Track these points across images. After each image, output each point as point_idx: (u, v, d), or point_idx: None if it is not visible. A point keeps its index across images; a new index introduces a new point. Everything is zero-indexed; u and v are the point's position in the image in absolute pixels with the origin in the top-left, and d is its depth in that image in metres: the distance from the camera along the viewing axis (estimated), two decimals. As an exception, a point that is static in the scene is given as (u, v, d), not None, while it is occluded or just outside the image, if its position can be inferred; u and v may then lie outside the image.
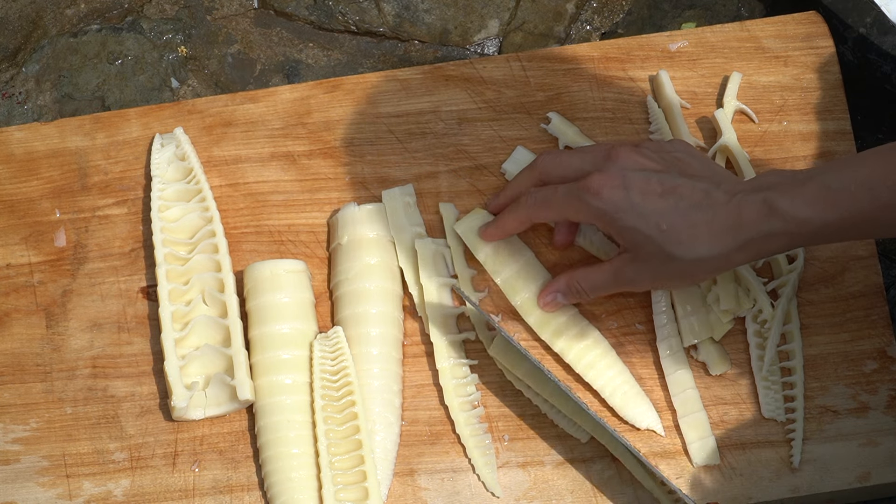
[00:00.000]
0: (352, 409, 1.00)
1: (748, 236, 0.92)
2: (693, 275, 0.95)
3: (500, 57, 1.13)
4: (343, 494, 0.99)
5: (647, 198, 0.93)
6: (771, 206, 0.90)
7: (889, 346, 1.04)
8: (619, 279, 0.98)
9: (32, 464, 1.04)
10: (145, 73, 1.20)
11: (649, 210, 0.93)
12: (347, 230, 1.06)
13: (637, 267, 0.96)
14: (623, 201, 0.94)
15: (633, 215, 0.93)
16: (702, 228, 0.92)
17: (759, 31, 1.12)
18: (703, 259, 0.93)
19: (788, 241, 0.91)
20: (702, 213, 0.92)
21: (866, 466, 1.01)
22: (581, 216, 0.96)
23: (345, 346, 1.02)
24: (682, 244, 0.93)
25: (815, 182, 0.90)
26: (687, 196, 0.92)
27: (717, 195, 0.92)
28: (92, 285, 1.08)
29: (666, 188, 0.93)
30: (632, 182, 0.94)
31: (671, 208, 0.93)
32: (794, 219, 0.90)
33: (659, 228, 0.93)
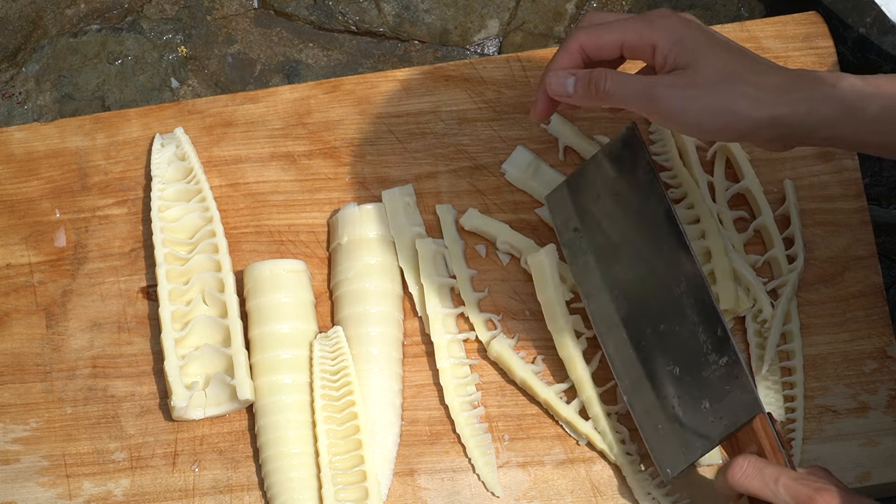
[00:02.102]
0: (352, 409, 1.00)
1: (797, 96, 0.89)
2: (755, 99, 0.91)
3: (500, 57, 1.13)
4: (343, 494, 0.99)
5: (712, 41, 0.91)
6: (823, 78, 0.89)
7: (889, 346, 1.04)
8: (652, 93, 0.91)
9: (32, 464, 1.04)
10: (145, 73, 1.20)
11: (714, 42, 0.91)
12: (347, 230, 1.06)
13: (691, 87, 0.90)
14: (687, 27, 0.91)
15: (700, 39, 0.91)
16: (761, 72, 0.90)
17: (759, 31, 1.12)
18: (766, 87, 0.90)
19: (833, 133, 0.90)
20: (759, 63, 0.90)
21: (866, 466, 1.01)
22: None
23: (345, 345, 1.02)
24: (747, 66, 0.90)
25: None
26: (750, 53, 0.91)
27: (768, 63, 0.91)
28: (92, 285, 1.08)
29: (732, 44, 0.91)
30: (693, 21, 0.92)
31: (738, 52, 0.91)
32: (850, 90, 0.89)
33: (721, 53, 0.90)
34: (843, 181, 1.08)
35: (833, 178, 1.08)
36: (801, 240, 1.05)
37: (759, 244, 1.07)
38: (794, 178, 1.08)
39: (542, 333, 1.05)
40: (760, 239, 1.07)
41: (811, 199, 1.08)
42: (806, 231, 1.07)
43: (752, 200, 1.07)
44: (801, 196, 1.08)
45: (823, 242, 1.07)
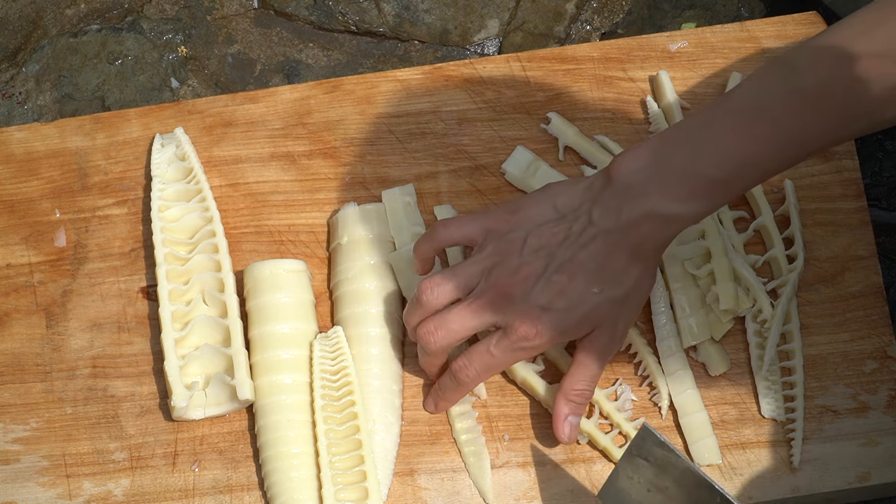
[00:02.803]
0: (352, 409, 1.00)
1: (657, 246, 0.93)
2: (642, 294, 0.96)
3: (500, 57, 1.13)
4: (343, 494, 0.99)
5: (565, 294, 0.93)
6: (665, 216, 0.91)
7: (889, 346, 1.04)
8: (605, 354, 0.97)
9: (32, 464, 1.04)
10: (145, 73, 1.20)
11: (576, 298, 0.93)
12: (347, 230, 1.06)
13: (606, 332, 0.96)
14: (557, 318, 0.93)
15: (572, 315, 0.93)
16: (622, 267, 0.93)
17: (759, 32, 1.12)
18: (641, 282, 0.95)
19: (686, 226, 0.93)
20: (611, 257, 0.92)
21: (866, 466, 1.01)
22: (534, 352, 0.96)
23: (345, 345, 1.02)
24: (619, 285, 0.93)
25: (698, 178, 0.90)
26: (586, 260, 0.93)
27: (606, 234, 0.92)
28: (92, 285, 1.08)
29: (570, 271, 0.93)
30: (545, 300, 0.93)
31: (587, 278, 0.93)
32: (692, 216, 0.91)
33: (595, 297, 0.93)
34: (843, 181, 1.08)
35: (833, 178, 1.08)
36: (801, 240, 1.05)
37: (759, 244, 1.07)
38: (794, 178, 1.08)
39: (542, 333, 1.05)
40: (760, 239, 1.07)
41: (811, 199, 1.08)
42: (806, 231, 1.07)
43: (752, 200, 1.07)
44: (801, 196, 1.08)
45: (823, 242, 1.07)
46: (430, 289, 0.97)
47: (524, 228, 0.95)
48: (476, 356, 0.97)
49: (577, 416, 0.99)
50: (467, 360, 0.97)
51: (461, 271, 0.96)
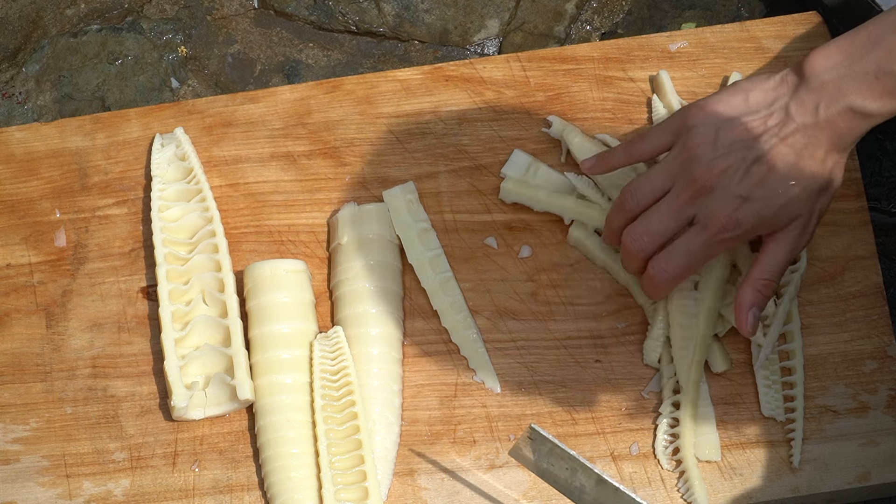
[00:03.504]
0: (352, 409, 1.00)
1: (852, 140, 0.95)
2: (835, 184, 0.97)
3: (500, 57, 1.13)
4: (343, 494, 0.99)
5: (764, 184, 0.94)
6: (863, 113, 0.93)
7: (889, 346, 1.04)
8: (794, 249, 0.98)
9: (32, 464, 1.04)
10: (145, 73, 1.20)
11: (773, 189, 0.94)
12: (347, 230, 1.06)
13: (801, 224, 0.97)
14: (755, 208, 0.95)
15: (770, 206, 0.94)
16: (819, 160, 0.94)
17: (759, 32, 1.12)
18: (836, 176, 0.96)
19: (883, 119, 0.94)
20: (808, 149, 0.94)
21: (866, 466, 1.01)
22: (732, 244, 0.97)
23: (345, 345, 1.02)
24: (816, 177, 0.95)
25: (891, 76, 0.91)
26: (784, 151, 0.94)
27: (804, 123, 0.94)
28: (92, 285, 1.08)
29: (769, 162, 0.94)
30: (742, 188, 0.94)
31: (786, 170, 0.94)
32: (888, 112, 0.93)
33: (794, 188, 0.94)
34: (844, 181, 1.08)
35: (833, 178, 1.08)
36: (801, 240, 1.05)
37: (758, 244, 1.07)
38: (794, 178, 1.08)
39: (542, 333, 1.05)
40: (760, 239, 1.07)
41: (811, 199, 1.08)
42: (806, 231, 1.07)
43: (752, 200, 1.07)
44: (801, 196, 1.08)
45: (823, 242, 1.07)
46: (631, 193, 0.98)
47: (714, 122, 0.96)
48: (674, 257, 0.97)
49: (760, 308, 0.98)
50: (665, 263, 0.98)
51: (658, 172, 0.97)
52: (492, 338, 1.05)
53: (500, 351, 1.05)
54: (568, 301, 1.06)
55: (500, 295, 1.06)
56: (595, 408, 1.04)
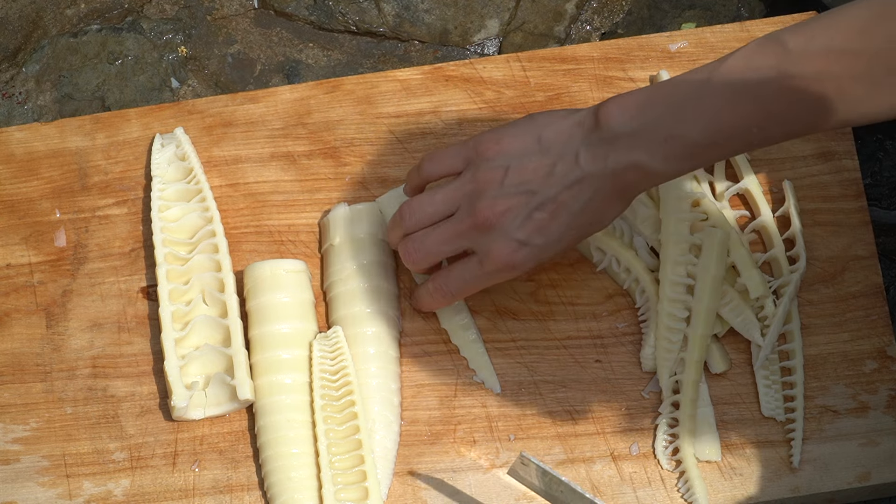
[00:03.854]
0: (351, 409, 1.00)
1: (636, 194, 0.95)
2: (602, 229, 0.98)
3: (500, 57, 1.13)
4: (343, 494, 0.99)
5: (545, 231, 0.95)
6: (645, 171, 0.92)
7: (889, 346, 1.04)
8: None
9: (32, 464, 1.04)
10: (145, 73, 1.20)
11: (555, 236, 0.95)
12: (339, 231, 1.06)
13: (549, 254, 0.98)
14: (533, 252, 0.96)
15: (549, 250, 0.96)
16: (600, 211, 0.95)
17: (759, 32, 1.12)
18: (613, 218, 0.96)
19: (669, 179, 0.94)
20: (592, 202, 0.94)
21: (866, 466, 1.01)
22: (506, 279, 0.99)
23: (344, 345, 1.02)
24: (595, 224, 0.96)
25: (680, 141, 0.90)
26: (569, 200, 0.94)
27: (594, 176, 0.93)
28: (92, 285, 1.08)
29: (549, 211, 0.94)
30: (522, 233, 0.95)
31: (568, 219, 0.94)
32: (675, 173, 0.92)
33: (572, 236, 0.95)
34: (843, 181, 1.08)
35: (833, 178, 1.08)
36: (802, 241, 1.05)
37: (759, 244, 1.07)
38: (793, 178, 1.08)
39: (542, 333, 1.05)
40: (760, 239, 1.07)
41: (811, 199, 1.08)
42: (806, 231, 1.07)
43: (752, 200, 1.07)
44: (801, 196, 1.08)
45: (823, 242, 1.07)
46: (411, 210, 1.00)
47: (506, 159, 0.96)
48: (452, 279, 1.00)
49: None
50: (444, 282, 1.01)
51: (442, 196, 0.99)
52: (492, 338, 1.05)
53: (500, 351, 1.05)
54: (568, 301, 1.06)
55: (500, 295, 1.06)
56: (595, 408, 1.03)
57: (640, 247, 1.05)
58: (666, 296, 1.03)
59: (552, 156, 0.95)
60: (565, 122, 0.96)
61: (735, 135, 0.90)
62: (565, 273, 1.07)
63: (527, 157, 0.96)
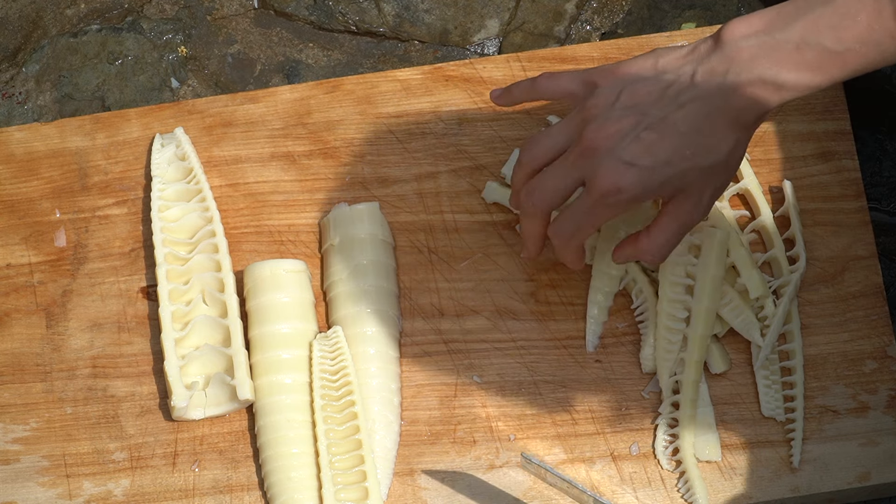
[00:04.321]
0: (352, 409, 1.00)
1: (759, 113, 0.90)
2: (732, 165, 0.93)
3: (500, 57, 1.13)
4: (343, 494, 0.99)
5: (653, 151, 0.90)
6: (775, 84, 0.88)
7: (889, 346, 1.04)
8: (684, 226, 0.94)
9: (32, 464, 1.04)
10: (145, 73, 1.20)
11: (664, 157, 0.90)
12: (339, 231, 1.05)
13: (691, 199, 0.93)
14: (641, 174, 0.90)
15: (658, 174, 0.91)
16: (716, 129, 0.90)
17: (759, 32, 1.12)
18: (732, 149, 0.91)
19: (795, 97, 0.90)
20: (706, 118, 0.90)
21: (866, 466, 1.01)
22: (617, 214, 0.94)
23: (344, 345, 1.02)
24: (711, 152, 0.91)
25: (813, 48, 0.87)
26: (681, 119, 0.90)
27: (709, 93, 0.90)
28: (92, 285, 1.08)
29: (661, 129, 0.90)
30: (630, 154, 0.91)
31: (678, 138, 0.90)
32: (804, 87, 0.88)
33: (685, 158, 0.90)
34: (843, 181, 1.08)
35: (833, 178, 1.08)
36: (801, 241, 1.05)
37: (759, 244, 1.07)
38: (793, 178, 1.08)
39: (542, 333, 1.05)
40: (761, 239, 1.07)
41: (811, 199, 1.08)
42: (806, 231, 1.07)
43: (752, 200, 1.07)
44: (801, 196, 1.08)
45: (823, 242, 1.07)
46: (528, 148, 0.96)
47: (620, 84, 0.93)
48: (563, 221, 0.96)
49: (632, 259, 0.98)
50: (558, 227, 0.96)
51: (556, 129, 0.95)
52: (492, 338, 1.05)
53: (500, 351, 1.05)
54: (568, 301, 1.06)
55: (500, 295, 1.06)
56: (595, 408, 1.03)
57: None
58: (665, 296, 1.03)
59: (668, 78, 0.91)
60: (686, 47, 0.92)
61: (873, 39, 0.85)
62: (565, 273, 1.07)
63: (641, 81, 0.92)
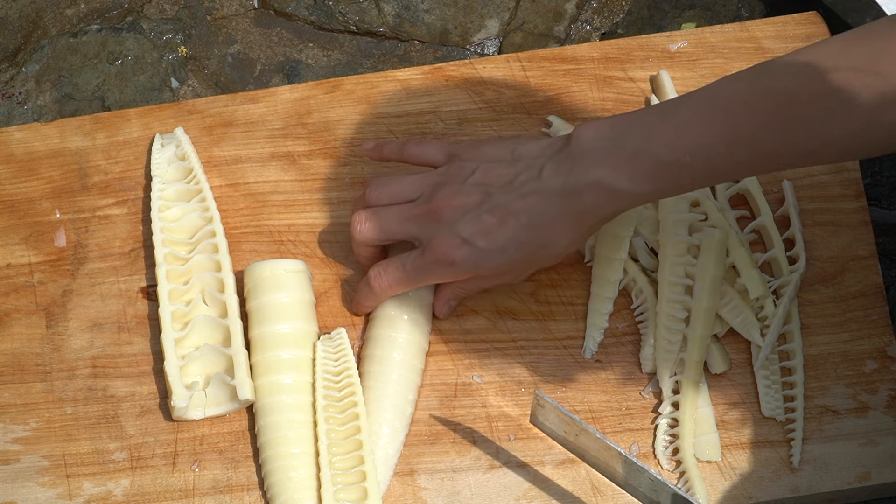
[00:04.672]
0: (353, 410, 1.00)
1: (597, 219, 0.94)
2: (563, 256, 0.98)
3: (500, 57, 1.13)
4: (343, 494, 0.99)
5: (491, 236, 0.95)
6: (611, 190, 0.92)
7: (889, 346, 1.04)
8: (483, 289, 1.03)
9: (32, 464, 1.04)
10: (145, 73, 1.20)
11: (500, 244, 0.96)
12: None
13: (511, 275, 1.00)
14: (474, 254, 0.96)
15: (490, 258, 0.96)
16: (553, 228, 0.95)
17: (759, 32, 1.12)
18: (564, 246, 0.96)
19: (630, 206, 0.93)
20: (544, 215, 0.94)
21: (866, 466, 1.01)
22: (447, 280, 1.00)
23: (348, 347, 1.02)
24: (543, 247, 0.96)
25: (646, 158, 0.90)
26: (522, 209, 0.95)
27: (551, 191, 0.94)
28: (92, 285, 1.08)
29: (499, 215, 0.95)
30: (468, 231, 0.96)
31: (516, 229, 0.95)
32: (637, 194, 0.92)
33: (518, 247, 0.96)
34: (843, 181, 1.08)
35: (833, 178, 1.08)
36: (801, 241, 1.05)
37: (759, 244, 1.07)
38: (793, 178, 1.08)
39: (542, 333, 1.05)
40: (761, 239, 1.07)
41: (811, 199, 1.08)
42: (806, 231, 1.07)
43: (752, 200, 1.07)
44: (801, 196, 1.08)
45: (823, 242, 1.07)
46: (376, 186, 1.02)
47: (477, 162, 0.98)
48: (391, 268, 1.00)
49: (456, 301, 1.04)
50: (382, 270, 1.01)
51: (409, 181, 1.01)
52: (492, 338, 1.05)
53: (499, 351, 1.05)
54: (568, 301, 1.06)
55: (500, 295, 1.06)
56: (595, 408, 1.04)
57: (639, 247, 1.05)
58: (665, 296, 1.03)
59: (519, 167, 0.96)
60: (543, 140, 0.97)
61: (703, 154, 0.88)
62: (565, 273, 1.07)
63: (496, 164, 0.97)
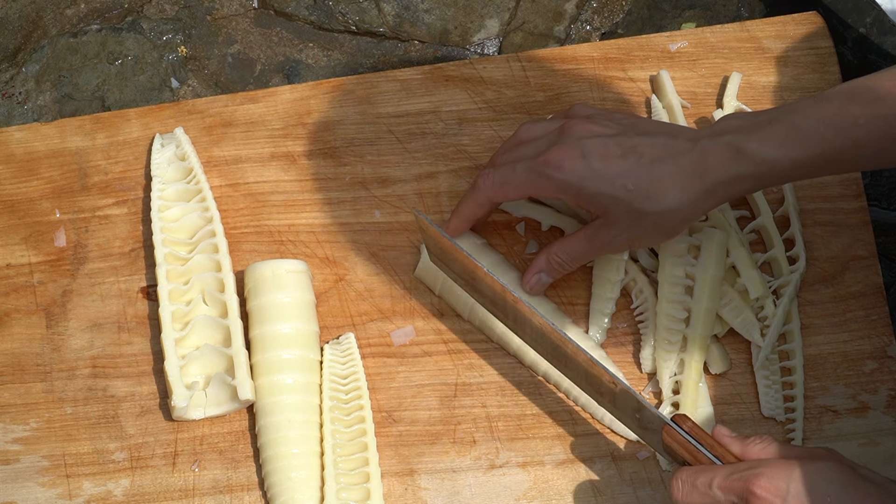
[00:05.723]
0: (360, 413, 1.01)
1: (715, 180, 0.92)
2: (666, 227, 0.95)
3: (500, 57, 1.13)
4: (345, 494, 0.99)
5: (608, 161, 0.94)
6: (737, 149, 0.91)
7: (889, 346, 1.04)
8: (595, 244, 0.98)
9: (32, 464, 1.04)
10: (145, 73, 1.20)
11: (612, 172, 0.94)
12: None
13: (611, 229, 0.96)
14: (585, 170, 0.94)
15: (597, 181, 0.94)
16: (668, 180, 0.93)
17: (759, 32, 1.12)
18: (673, 209, 0.94)
19: (756, 183, 0.92)
20: (665, 165, 0.93)
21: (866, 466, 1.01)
22: (545, 191, 0.97)
23: (355, 351, 1.03)
24: (650, 199, 0.93)
25: (782, 122, 0.90)
26: (647, 152, 0.93)
27: (678, 145, 0.93)
28: (92, 285, 1.08)
29: (625, 149, 0.94)
30: (590, 149, 0.94)
31: (633, 166, 0.93)
32: (762, 160, 0.91)
33: (625, 188, 0.94)
34: (843, 181, 1.08)
35: (833, 178, 1.09)
36: (801, 241, 1.05)
37: (759, 244, 1.07)
38: (794, 178, 1.08)
39: (542, 333, 1.05)
40: (761, 239, 1.07)
41: (811, 199, 1.08)
42: (806, 231, 1.07)
43: (752, 200, 1.07)
44: (801, 196, 1.08)
45: (823, 242, 1.07)
46: (527, 126, 0.99)
47: (625, 116, 0.98)
48: (501, 169, 0.98)
49: (549, 277, 1.01)
50: (491, 170, 0.99)
51: (551, 119, 1.00)
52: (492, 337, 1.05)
53: (500, 351, 1.05)
54: (568, 301, 1.06)
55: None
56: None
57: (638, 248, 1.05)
58: (665, 296, 1.03)
59: (659, 126, 0.96)
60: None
61: (836, 124, 0.89)
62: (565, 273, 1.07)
63: (641, 121, 0.97)
